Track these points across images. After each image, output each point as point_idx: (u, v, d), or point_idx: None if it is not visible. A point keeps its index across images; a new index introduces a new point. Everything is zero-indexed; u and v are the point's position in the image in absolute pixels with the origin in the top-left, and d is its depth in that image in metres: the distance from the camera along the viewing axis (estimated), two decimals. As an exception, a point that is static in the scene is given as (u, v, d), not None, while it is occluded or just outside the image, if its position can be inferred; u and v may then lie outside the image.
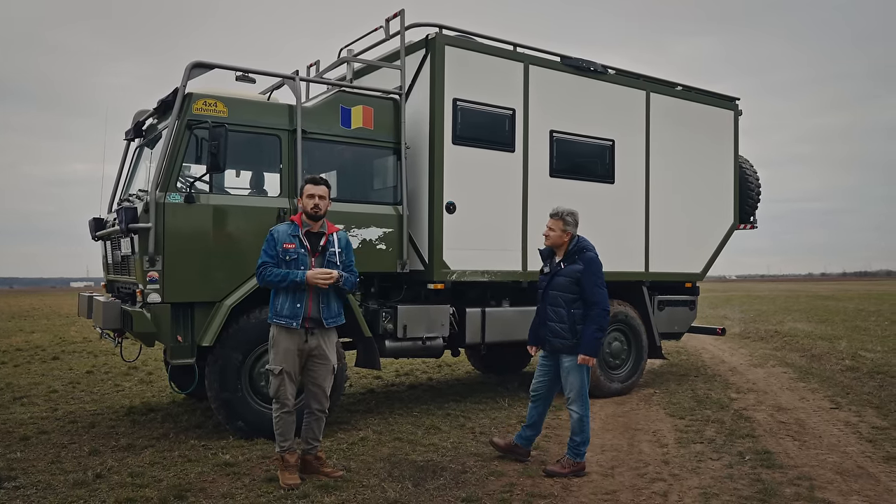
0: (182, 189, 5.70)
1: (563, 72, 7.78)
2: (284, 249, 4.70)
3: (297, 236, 4.75)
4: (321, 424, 4.92)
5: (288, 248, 4.70)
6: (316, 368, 4.81)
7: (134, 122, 6.99)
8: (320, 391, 4.84)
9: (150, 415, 6.95)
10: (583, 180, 7.93)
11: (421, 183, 6.94)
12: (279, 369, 4.70)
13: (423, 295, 7.00)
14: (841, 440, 5.94)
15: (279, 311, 4.70)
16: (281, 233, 4.77)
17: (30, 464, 5.20)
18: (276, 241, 4.73)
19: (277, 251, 4.71)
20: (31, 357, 11.72)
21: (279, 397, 4.75)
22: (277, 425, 4.77)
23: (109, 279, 7.08)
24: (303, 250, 4.73)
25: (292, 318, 4.67)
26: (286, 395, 4.73)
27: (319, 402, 4.85)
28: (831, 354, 11.51)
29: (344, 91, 6.71)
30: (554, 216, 5.13)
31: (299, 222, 4.81)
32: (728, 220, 9.36)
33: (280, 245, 4.71)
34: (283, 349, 4.71)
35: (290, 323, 4.66)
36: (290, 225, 4.83)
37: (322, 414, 4.89)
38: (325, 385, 4.85)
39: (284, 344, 4.71)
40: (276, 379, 4.72)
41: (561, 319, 5.04)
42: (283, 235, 4.75)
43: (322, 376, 4.83)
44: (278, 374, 4.71)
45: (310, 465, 4.89)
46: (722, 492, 4.58)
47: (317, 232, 4.81)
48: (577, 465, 5.00)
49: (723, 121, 9.29)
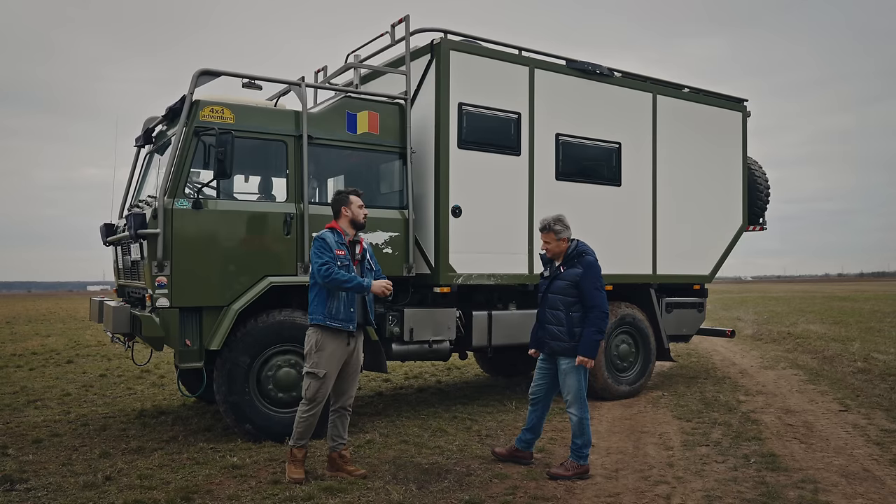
0: (190, 195, 5.78)
1: (569, 75, 7.80)
2: (336, 256, 4.78)
3: (344, 244, 4.87)
4: (345, 422, 5.02)
5: (339, 254, 4.80)
6: (349, 369, 4.95)
7: (144, 129, 7.08)
8: (349, 390, 4.99)
9: (160, 418, 7.04)
10: (589, 183, 7.94)
11: (427, 187, 6.98)
12: (324, 373, 4.79)
13: (430, 298, 7.04)
14: (848, 443, 5.91)
15: (334, 315, 4.78)
16: (331, 239, 4.84)
17: (41, 466, 5.29)
18: (331, 246, 4.79)
19: (333, 255, 4.77)
20: (46, 361, 11.88)
21: (316, 399, 4.82)
22: (301, 425, 4.84)
23: (120, 284, 7.18)
24: (349, 259, 4.86)
25: (348, 322, 4.81)
26: (323, 398, 4.84)
27: (345, 401, 4.99)
28: (843, 356, 11.42)
29: (350, 97, 6.77)
30: (544, 230, 5.15)
31: (341, 230, 4.93)
32: (737, 222, 9.33)
33: (334, 251, 4.79)
34: (330, 353, 4.79)
35: (347, 326, 4.80)
36: (334, 233, 4.90)
37: (346, 412, 5.01)
38: (353, 384, 5.02)
39: (332, 347, 4.79)
40: (318, 382, 4.79)
41: (559, 322, 5.07)
42: (334, 243, 4.83)
43: (352, 376, 4.99)
44: (322, 377, 4.79)
45: (334, 463, 4.99)
46: (725, 495, 4.58)
47: (353, 240, 4.96)
48: (581, 468, 5.01)
49: (731, 122, 9.27)
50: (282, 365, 6.01)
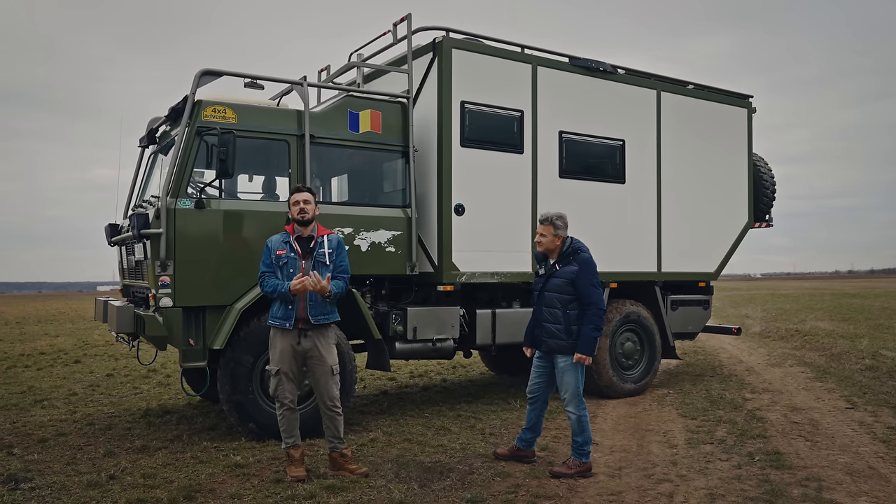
0: (192, 195, 5.80)
1: (572, 72, 7.78)
2: (277, 256, 4.96)
3: (287, 242, 5.00)
4: (337, 422, 5.01)
5: (280, 254, 4.97)
6: (314, 369, 4.99)
7: (147, 129, 7.11)
8: (324, 391, 4.98)
9: (165, 417, 7.07)
10: (593, 181, 7.92)
11: (430, 185, 6.97)
12: (276, 369, 4.94)
13: (433, 297, 7.04)
14: (854, 440, 5.87)
15: (274, 314, 4.98)
16: (274, 241, 5.04)
17: (46, 465, 5.32)
18: (271, 249, 5.01)
19: (272, 259, 4.96)
20: (54, 360, 11.95)
21: (278, 396, 4.96)
22: (281, 423, 4.98)
23: (125, 284, 7.21)
24: (293, 254, 4.95)
25: (285, 319, 4.91)
26: (284, 394, 4.94)
27: (325, 400, 4.98)
28: (851, 353, 11.35)
29: (352, 96, 6.77)
30: (544, 222, 5.18)
31: (291, 231, 5.06)
32: (742, 219, 9.28)
33: (273, 253, 4.97)
34: (279, 350, 4.94)
35: (284, 324, 4.91)
36: (282, 234, 5.09)
37: (333, 412, 4.99)
38: (325, 384, 4.97)
39: (280, 345, 4.93)
40: (274, 378, 4.96)
41: (556, 320, 5.07)
42: (276, 243, 5.02)
43: (320, 376, 4.98)
44: (276, 373, 4.94)
45: (336, 462, 5.02)
46: (728, 493, 4.56)
47: (307, 236, 5.04)
48: (584, 466, 5.00)
49: (736, 119, 9.22)
50: (285, 364, 6.02)
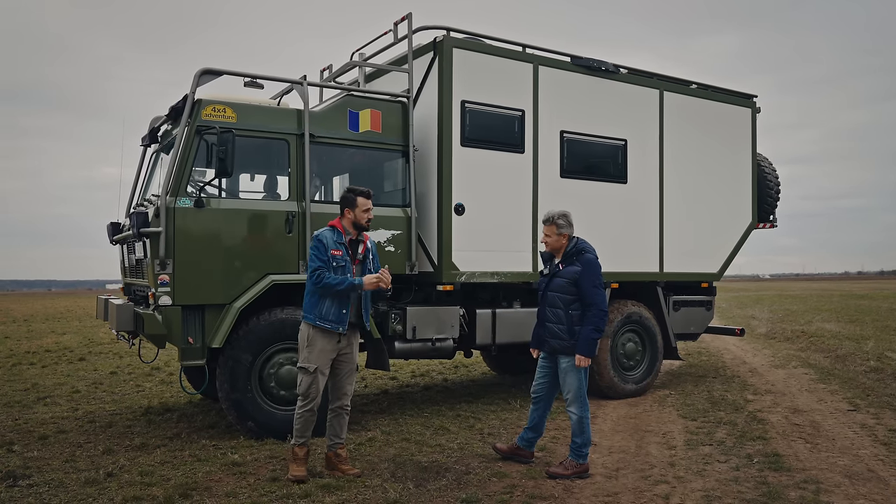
0: (192, 194, 5.81)
1: (574, 72, 7.75)
2: (332, 256, 4.81)
3: (342, 244, 4.88)
4: (343, 422, 5.02)
5: (335, 254, 4.82)
6: (343, 367, 4.96)
7: (150, 128, 7.13)
8: (344, 389, 4.98)
9: (165, 415, 7.10)
10: (594, 180, 7.89)
11: (430, 185, 6.97)
12: (314, 367, 4.81)
13: (433, 296, 7.04)
14: (855, 443, 5.83)
15: (324, 315, 4.80)
16: (328, 239, 4.87)
17: (45, 462, 5.35)
18: (326, 247, 4.83)
19: (327, 257, 4.80)
20: (59, 358, 12.01)
21: (309, 394, 4.83)
22: (299, 421, 4.86)
23: (126, 282, 7.24)
24: (347, 258, 4.87)
25: (338, 323, 4.81)
26: (316, 393, 4.84)
27: (342, 399, 4.98)
28: (856, 355, 11.27)
29: (352, 95, 6.77)
30: (546, 222, 5.16)
31: (342, 229, 4.93)
32: (746, 220, 9.23)
33: (329, 251, 4.81)
34: (320, 349, 4.81)
35: (337, 327, 4.81)
36: (333, 231, 4.92)
37: (343, 411, 5.00)
38: (348, 383, 5.00)
39: (321, 344, 4.81)
40: (309, 377, 4.81)
41: (559, 320, 5.05)
42: (331, 242, 4.86)
43: (346, 375, 4.99)
44: (313, 372, 4.81)
45: (330, 462, 5.01)
46: (725, 495, 4.53)
47: (355, 240, 4.97)
48: (580, 467, 4.99)
49: (740, 119, 9.17)
50: (284, 363, 6.03)
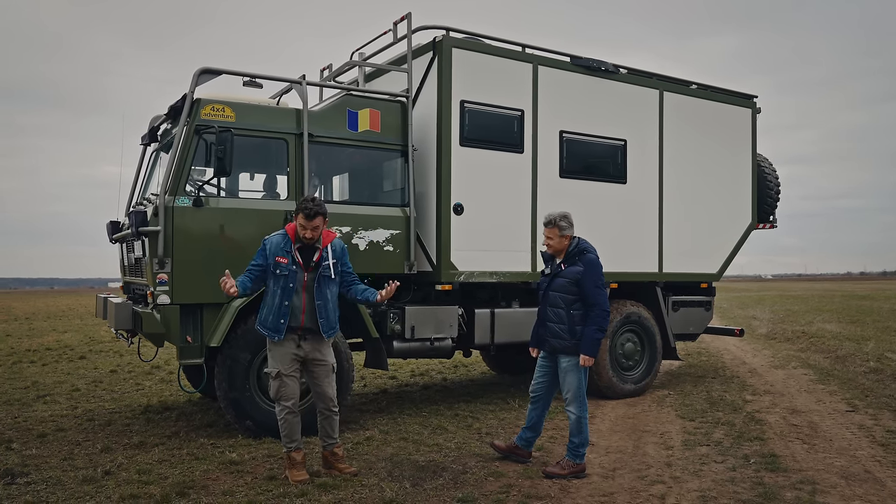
0: (191, 193, 5.82)
1: (573, 72, 7.75)
2: (276, 263, 4.72)
3: (289, 252, 4.75)
4: (332, 422, 4.99)
5: (280, 262, 4.72)
6: (315, 371, 4.91)
7: (149, 127, 7.15)
8: (324, 392, 4.92)
9: (164, 413, 7.11)
10: (594, 180, 7.89)
11: (429, 185, 6.98)
12: (276, 371, 4.81)
13: (432, 296, 7.05)
14: (852, 444, 5.83)
15: (262, 322, 4.81)
16: (274, 245, 4.76)
17: (43, 460, 5.36)
18: (269, 253, 4.75)
19: (268, 262, 4.74)
20: (60, 356, 12.04)
21: (280, 399, 4.83)
22: (283, 426, 4.86)
23: (126, 281, 7.26)
24: (294, 266, 4.75)
25: (275, 332, 4.75)
26: (286, 396, 4.82)
27: (325, 402, 4.94)
28: (856, 356, 11.26)
29: (351, 94, 6.78)
30: (548, 225, 5.14)
31: (293, 236, 4.79)
32: (746, 220, 9.23)
33: (272, 258, 4.73)
34: (278, 353, 4.82)
35: (273, 336, 4.76)
36: (283, 237, 4.79)
37: (330, 413, 4.97)
38: (326, 386, 4.92)
39: (276, 348, 4.82)
40: (275, 381, 4.83)
41: (560, 320, 5.05)
42: (276, 248, 4.75)
43: (322, 378, 4.92)
44: (276, 376, 4.81)
45: (327, 461, 5.02)
46: (721, 495, 4.53)
47: (309, 246, 4.81)
48: (577, 467, 4.99)
49: (740, 119, 9.16)
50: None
